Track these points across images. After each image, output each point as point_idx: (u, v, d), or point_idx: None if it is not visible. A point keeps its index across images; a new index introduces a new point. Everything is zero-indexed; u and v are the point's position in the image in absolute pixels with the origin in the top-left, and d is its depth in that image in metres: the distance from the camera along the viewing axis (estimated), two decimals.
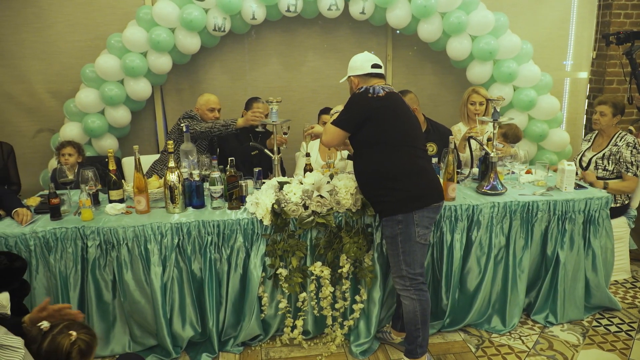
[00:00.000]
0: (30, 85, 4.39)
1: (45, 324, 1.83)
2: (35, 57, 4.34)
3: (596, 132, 3.74)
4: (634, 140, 3.50)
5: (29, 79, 4.38)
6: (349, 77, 2.70)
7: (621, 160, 3.51)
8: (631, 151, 3.49)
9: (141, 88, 4.07)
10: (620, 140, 3.55)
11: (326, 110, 3.96)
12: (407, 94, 3.98)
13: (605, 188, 3.40)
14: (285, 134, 3.34)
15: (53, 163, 4.14)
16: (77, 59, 4.30)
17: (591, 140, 3.77)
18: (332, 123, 2.58)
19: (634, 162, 3.49)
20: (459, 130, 3.98)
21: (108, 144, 4.20)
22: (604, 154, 3.58)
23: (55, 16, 4.29)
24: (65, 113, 4.20)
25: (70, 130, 4.12)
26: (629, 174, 3.51)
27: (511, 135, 3.81)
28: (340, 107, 2.69)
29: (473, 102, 3.92)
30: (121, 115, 4.12)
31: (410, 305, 2.57)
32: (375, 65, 2.63)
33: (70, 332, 1.81)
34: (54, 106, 4.43)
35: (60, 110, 4.32)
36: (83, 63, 4.16)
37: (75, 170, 3.74)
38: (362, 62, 2.64)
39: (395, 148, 2.48)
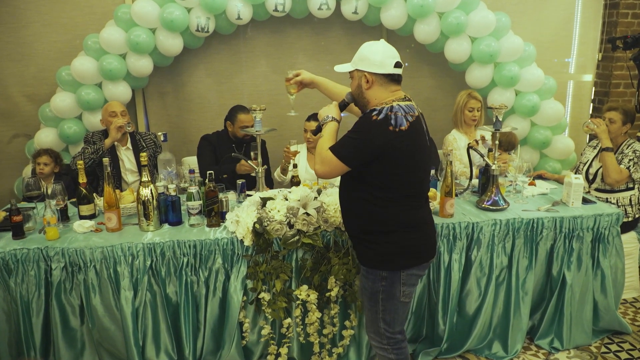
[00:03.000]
0: (5, 89, 4.16)
1: None
2: (9, 58, 4.11)
3: None
4: None
5: (4, 82, 4.14)
6: (362, 72, 2.07)
7: (623, 159, 3.31)
8: (635, 151, 3.29)
9: (120, 92, 3.84)
10: (627, 147, 3.33)
11: (311, 118, 3.63)
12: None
13: (605, 149, 3.28)
14: (255, 158, 3.00)
15: (28, 170, 3.91)
16: (54, 61, 4.08)
17: (597, 148, 3.54)
18: (333, 151, 2.01)
19: (632, 158, 3.29)
20: (455, 139, 3.75)
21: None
22: None
23: (31, 15, 4.05)
24: (41, 118, 3.97)
25: (46, 137, 3.89)
26: (621, 165, 3.31)
27: (505, 142, 3.59)
28: (332, 111, 2.20)
29: (471, 109, 3.70)
30: (99, 121, 3.89)
31: None
32: (398, 64, 2.07)
33: None
34: (29, 110, 4.20)
35: (36, 115, 4.08)
36: (60, 65, 3.94)
37: (52, 181, 3.54)
38: (384, 57, 2.03)
39: (400, 197, 2.06)
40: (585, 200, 2.97)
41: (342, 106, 2.26)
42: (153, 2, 3.66)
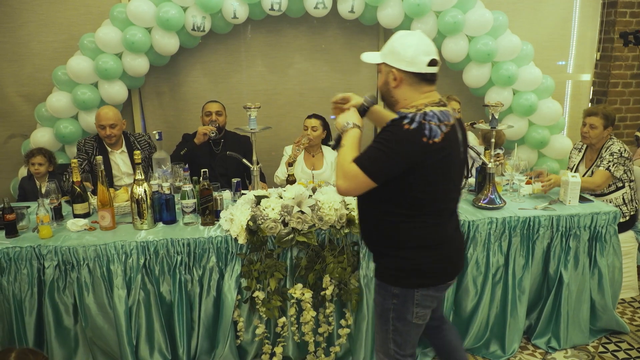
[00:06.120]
0: (1, 89, 4.15)
1: None
2: (5, 58, 4.10)
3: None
4: (619, 150, 3.23)
5: (0, 82, 4.12)
6: (390, 67, 1.81)
7: (602, 162, 3.27)
8: (612, 153, 3.25)
9: (116, 91, 3.83)
10: (605, 151, 3.28)
11: (312, 116, 3.66)
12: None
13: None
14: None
15: (23, 171, 3.89)
16: (51, 61, 4.06)
17: (582, 151, 3.50)
18: (359, 165, 1.71)
19: (610, 160, 3.23)
20: None
21: None
22: (592, 171, 3.33)
23: (27, 15, 4.05)
24: (37, 118, 3.96)
25: (42, 136, 3.87)
26: (601, 167, 3.24)
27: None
28: (352, 117, 1.87)
29: (453, 110, 3.72)
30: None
31: None
32: (433, 62, 1.80)
33: None
34: (26, 110, 4.19)
35: (33, 115, 4.07)
36: (56, 65, 3.92)
37: (47, 180, 3.53)
38: (416, 52, 1.76)
39: (429, 216, 1.82)
40: (582, 199, 2.95)
41: (362, 112, 1.98)
42: (149, 1, 3.65)
